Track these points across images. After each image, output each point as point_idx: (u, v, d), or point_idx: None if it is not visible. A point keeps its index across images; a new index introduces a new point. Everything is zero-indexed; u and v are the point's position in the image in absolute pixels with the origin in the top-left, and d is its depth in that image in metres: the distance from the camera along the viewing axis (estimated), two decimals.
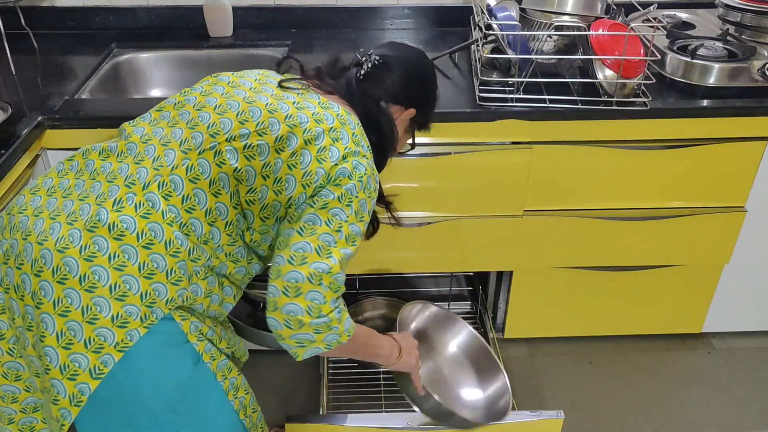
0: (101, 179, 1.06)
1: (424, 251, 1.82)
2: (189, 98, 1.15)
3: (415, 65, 1.25)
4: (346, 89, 1.19)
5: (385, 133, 1.20)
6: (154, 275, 1.01)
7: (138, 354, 1.00)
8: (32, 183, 1.11)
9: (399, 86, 1.21)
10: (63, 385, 0.98)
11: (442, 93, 1.70)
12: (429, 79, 1.29)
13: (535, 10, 1.65)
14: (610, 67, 1.57)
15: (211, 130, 1.07)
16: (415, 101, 1.25)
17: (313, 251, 1.04)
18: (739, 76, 1.67)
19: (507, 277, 1.93)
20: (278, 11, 2.09)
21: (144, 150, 1.08)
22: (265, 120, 1.08)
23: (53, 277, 0.98)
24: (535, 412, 1.47)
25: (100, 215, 1.01)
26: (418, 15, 2.12)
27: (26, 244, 1.01)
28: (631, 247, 1.83)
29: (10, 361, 1.07)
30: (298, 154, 1.07)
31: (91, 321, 0.97)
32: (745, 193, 1.77)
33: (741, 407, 1.88)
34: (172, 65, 2.00)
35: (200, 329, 1.09)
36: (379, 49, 1.24)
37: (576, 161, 1.69)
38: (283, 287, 1.03)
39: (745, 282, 1.93)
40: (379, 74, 1.20)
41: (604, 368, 2.00)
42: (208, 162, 1.06)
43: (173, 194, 1.05)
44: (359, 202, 1.09)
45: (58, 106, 1.58)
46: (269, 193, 1.08)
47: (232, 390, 1.13)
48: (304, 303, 1.02)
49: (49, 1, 2.03)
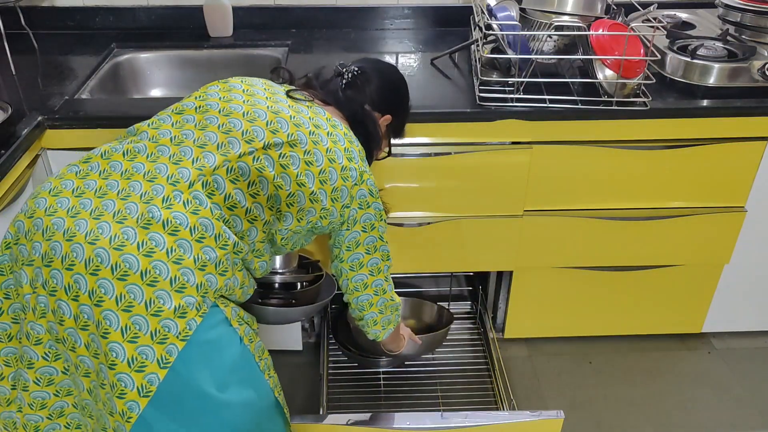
0: (139, 179, 1.09)
1: (424, 251, 1.82)
2: (210, 103, 1.20)
3: (390, 75, 1.43)
4: (334, 97, 1.33)
5: (371, 133, 1.34)
6: (206, 267, 1.06)
7: (195, 341, 1.04)
8: (47, 185, 1.10)
9: (377, 94, 1.37)
10: (131, 377, 1.00)
11: (442, 93, 1.71)
12: (402, 88, 1.45)
13: (535, 10, 1.65)
14: (610, 67, 1.57)
15: (246, 137, 1.15)
16: (391, 108, 1.40)
17: (381, 261, 1.36)
18: (739, 76, 1.67)
19: (507, 277, 1.93)
20: (278, 11, 2.09)
21: (179, 151, 1.13)
22: (293, 132, 1.18)
23: (113, 275, 1.00)
24: (535, 412, 1.47)
25: (152, 212, 1.05)
26: (418, 15, 2.12)
27: (74, 245, 1.01)
28: (631, 247, 1.83)
29: (44, 366, 1.08)
30: (326, 171, 1.20)
31: (156, 314, 1.01)
32: (745, 193, 1.77)
33: (741, 407, 1.88)
34: (172, 65, 2.00)
35: (239, 314, 1.15)
36: (356, 63, 1.39)
37: (576, 161, 1.69)
38: (369, 271, 1.35)
39: (745, 282, 1.93)
40: (359, 83, 1.35)
41: (604, 368, 2.01)
42: (247, 165, 1.13)
43: (216, 193, 1.10)
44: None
45: (58, 106, 1.58)
46: (306, 200, 1.20)
47: (267, 370, 1.20)
48: (371, 290, 1.37)
49: (49, 1, 2.03)
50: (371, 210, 1.29)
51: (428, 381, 1.89)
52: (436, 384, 1.88)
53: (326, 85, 1.36)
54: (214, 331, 1.08)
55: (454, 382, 1.88)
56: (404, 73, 1.75)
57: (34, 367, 1.08)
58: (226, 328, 1.10)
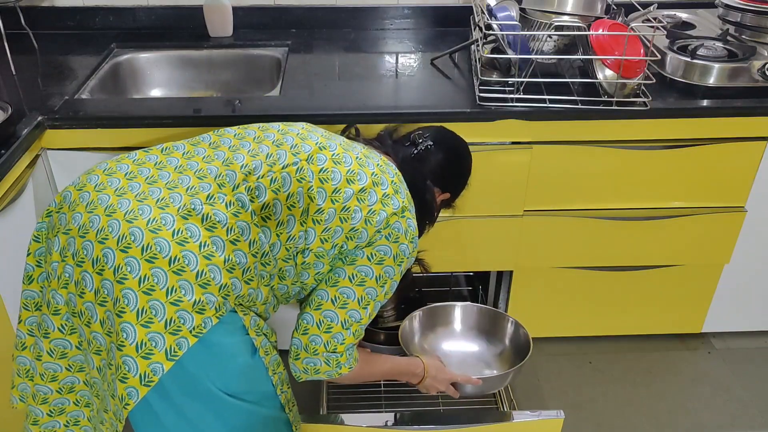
0: (189, 174, 1.12)
1: (425, 251, 1.82)
2: (270, 131, 1.24)
3: (459, 156, 1.42)
4: (401, 161, 1.33)
5: (428, 206, 1.34)
6: (234, 270, 1.07)
7: (207, 341, 1.03)
8: (103, 165, 1.14)
9: (441, 171, 1.36)
10: (136, 362, 0.99)
11: (442, 93, 1.71)
12: (467, 168, 1.45)
13: (535, 10, 1.65)
14: (610, 67, 1.57)
15: (293, 150, 1.18)
16: (450, 186, 1.41)
17: (355, 299, 1.20)
18: (739, 76, 1.67)
19: (507, 277, 1.93)
20: (278, 11, 2.09)
21: (232, 156, 1.16)
22: (340, 153, 1.20)
23: (142, 255, 1.00)
24: (535, 412, 1.47)
25: (194, 204, 1.06)
26: (418, 15, 2.12)
27: (111, 220, 1.03)
28: (631, 247, 1.83)
29: (59, 338, 1.09)
30: (366, 191, 1.18)
31: (175, 302, 1.00)
32: (745, 193, 1.77)
33: (741, 407, 1.88)
34: (172, 65, 2.00)
35: (258, 323, 1.15)
36: (431, 133, 1.39)
37: (576, 161, 1.69)
38: (318, 320, 1.20)
39: (745, 282, 1.93)
40: (429, 157, 1.35)
41: (604, 368, 2.01)
42: (289, 176, 1.14)
43: (256, 200, 1.12)
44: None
45: (58, 106, 1.58)
46: (335, 218, 1.16)
47: (280, 384, 1.18)
48: (327, 338, 1.20)
49: (49, 1, 2.03)
50: (395, 248, 1.20)
51: None
52: None
53: (397, 146, 1.37)
54: (230, 337, 1.07)
55: None
56: (404, 74, 1.75)
57: (49, 337, 1.09)
58: (242, 336, 1.10)
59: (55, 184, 1.62)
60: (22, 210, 1.48)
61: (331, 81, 1.76)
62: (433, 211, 1.37)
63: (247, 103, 1.62)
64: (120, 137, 1.57)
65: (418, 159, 1.34)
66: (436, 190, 1.37)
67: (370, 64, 1.88)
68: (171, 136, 1.55)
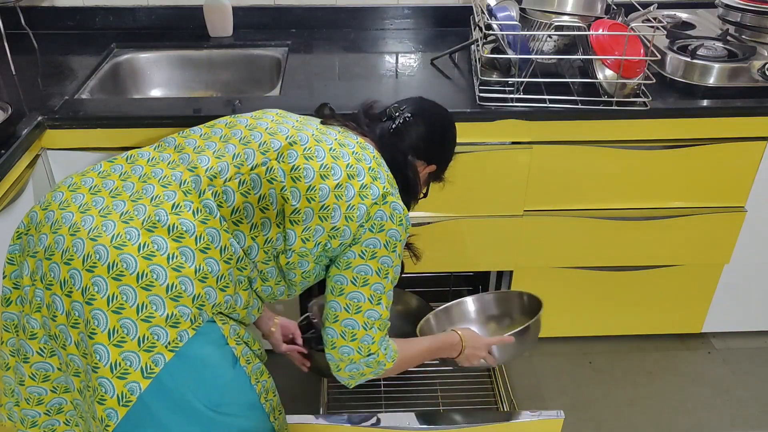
0: (153, 182, 1.09)
1: (424, 251, 1.81)
2: (240, 120, 1.21)
3: (441, 124, 1.36)
4: (379, 140, 1.27)
5: (411, 183, 1.28)
6: (207, 279, 1.04)
7: (184, 354, 1.01)
8: (68, 180, 1.11)
9: (423, 143, 1.30)
10: (112, 384, 0.97)
11: (442, 93, 1.71)
12: (451, 137, 1.39)
13: (535, 10, 1.65)
14: (610, 67, 1.57)
15: (262, 148, 1.13)
16: (436, 158, 1.35)
17: (366, 300, 1.17)
18: (739, 76, 1.67)
19: (507, 277, 1.93)
20: (278, 11, 2.09)
21: (197, 159, 1.12)
22: (312, 147, 1.15)
23: (108, 273, 0.98)
24: (535, 412, 1.47)
25: (159, 216, 1.03)
26: (418, 15, 2.12)
27: (75, 239, 1.00)
28: (631, 247, 1.83)
29: (39, 361, 1.07)
30: (343, 186, 1.13)
31: (147, 319, 0.98)
32: (745, 193, 1.77)
33: (741, 407, 1.88)
34: (172, 65, 2.00)
35: (238, 332, 1.12)
36: (409, 105, 1.32)
37: (576, 161, 1.69)
38: (340, 332, 1.18)
39: (745, 282, 1.93)
40: (408, 130, 1.29)
41: (604, 368, 2.00)
42: (259, 177, 1.10)
43: (224, 204, 1.09)
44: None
45: (58, 106, 1.58)
46: (314, 217, 1.12)
47: (264, 393, 1.16)
48: (356, 345, 1.19)
49: (49, 1, 2.03)
50: (383, 237, 1.16)
51: (428, 381, 1.89)
52: (436, 384, 1.88)
53: (374, 123, 1.30)
54: (208, 348, 1.05)
55: (454, 382, 1.88)
56: (404, 74, 1.75)
57: (29, 362, 1.07)
58: (221, 347, 1.07)
59: (55, 184, 1.62)
60: (22, 210, 1.48)
61: (331, 81, 1.77)
62: (418, 186, 1.31)
63: (247, 103, 1.62)
64: (120, 137, 1.57)
65: (396, 134, 1.27)
66: (420, 164, 1.32)
67: (370, 64, 1.88)
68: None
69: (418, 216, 1.75)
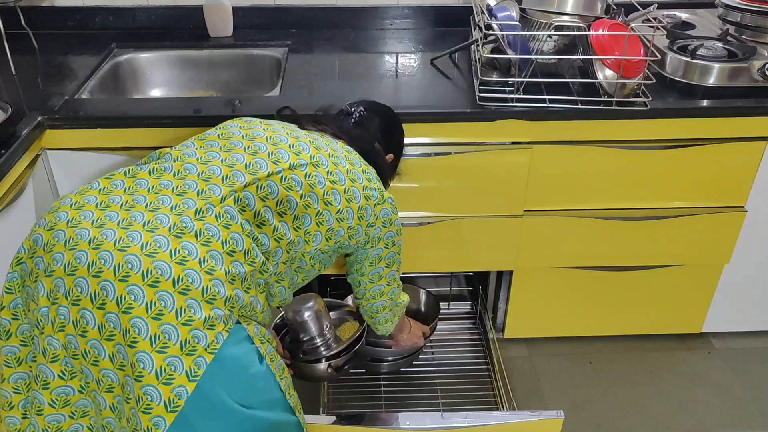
0: (168, 193, 1.09)
1: (424, 251, 1.82)
2: (232, 131, 1.24)
3: (390, 118, 1.51)
4: (347, 134, 1.38)
5: (382, 169, 1.40)
6: (235, 281, 1.05)
7: (220, 356, 1.01)
8: (67, 200, 1.09)
9: (381, 134, 1.45)
10: (158, 390, 0.96)
11: (442, 93, 1.71)
12: (399, 129, 1.54)
13: (535, 10, 1.65)
14: (610, 67, 1.57)
15: (272, 158, 1.18)
16: (392, 148, 1.49)
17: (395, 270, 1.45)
18: (739, 76, 1.67)
19: (507, 277, 1.93)
20: (278, 11, 2.09)
21: (208, 169, 1.14)
22: (315, 155, 1.23)
23: (143, 281, 0.97)
24: (535, 412, 1.47)
25: (185, 222, 1.04)
26: (418, 15, 2.12)
27: (101, 252, 0.99)
28: (631, 247, 1.83)
29: (60, 385, 1.05)
30: (350, 191, 1.24)
31: (186, 323, 0.98)
32: (745, 193, 1.77)
33: (741, 407, 1.88)
34: (172, 65, 2.00)
35: (260, 331, 1.13)
36: (358, 104, 1.48)
37: (576, 161, 1.69)
38: (376, 283, 1.44)
39: (745, 282, 1.93)
40: (366, 123, 1.44)
41: (604, 368, 2.01)
42: (275, 184, 1.15)
43: (246, 209, 1.12)
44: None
45: (58, 106, 1.58)
46: (333, 220, 1.23)
47: (287, 389, 1.17)
48: (384, 281, 1.45)
49: (49, 1, 2.03)
50: (393, 228, 1.35)
51: (428, 381, 1.89)
52: (436, 384, 1.88)
53: (336, 121, 1.42)
54: (239, 348, 1.06)
55: (454, 382, 1.88)
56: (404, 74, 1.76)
57: (49, 387, 1.05)
58: (249, 346, 1.08)
59: (55, 184, 1.62)
60: (22, 210, 1.48)
61: (331, 81, 1.77)
62: (386, 172, 1.44)
63: (247, 103, 1.63)
64: (120, 137, 1.57)
65: (359, 126, 1.42)
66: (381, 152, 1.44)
67: (370, 64, 1.88)
68: (171, 136, 1.55)
69: (419, 216, 1.75)
